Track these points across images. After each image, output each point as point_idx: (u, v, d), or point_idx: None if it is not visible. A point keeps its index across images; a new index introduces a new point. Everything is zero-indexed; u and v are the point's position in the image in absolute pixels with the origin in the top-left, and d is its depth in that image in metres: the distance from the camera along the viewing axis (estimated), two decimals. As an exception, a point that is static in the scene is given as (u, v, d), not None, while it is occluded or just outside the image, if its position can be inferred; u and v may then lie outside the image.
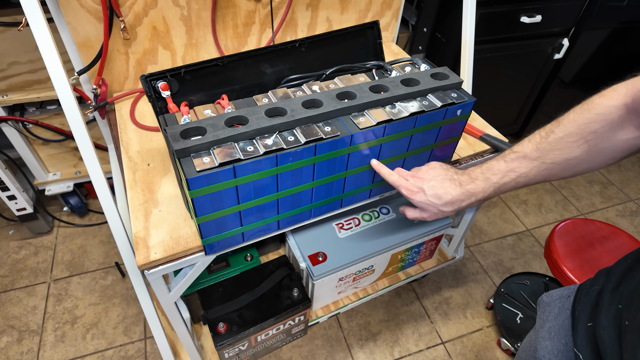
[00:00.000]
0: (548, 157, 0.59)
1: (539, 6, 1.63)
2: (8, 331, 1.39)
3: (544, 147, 0.59)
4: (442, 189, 0.69)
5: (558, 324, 0.64)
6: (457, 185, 0.69)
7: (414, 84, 0.80)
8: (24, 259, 1.60)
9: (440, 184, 0.70)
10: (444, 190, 0.69)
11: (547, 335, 0.64)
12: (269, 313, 1.12)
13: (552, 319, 0.66)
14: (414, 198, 0.72)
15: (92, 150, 0.78)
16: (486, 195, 0.67)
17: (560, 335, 0.62)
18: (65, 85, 0.74)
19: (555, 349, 0.62)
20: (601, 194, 2.05)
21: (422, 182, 0.72)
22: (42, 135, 1.46)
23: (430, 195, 0.70)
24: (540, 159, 0.60)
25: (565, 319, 0.63)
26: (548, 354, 0.62)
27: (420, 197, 0.71)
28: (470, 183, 0.68)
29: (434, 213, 0.72)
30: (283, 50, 0.87)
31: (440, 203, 0.70)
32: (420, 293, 1.58)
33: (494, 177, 0.65)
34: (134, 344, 1.37)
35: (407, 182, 0.74)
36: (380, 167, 0.78)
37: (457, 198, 0.68)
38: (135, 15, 1.03)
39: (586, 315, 0.59)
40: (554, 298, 0.69)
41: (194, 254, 0.78)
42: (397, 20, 1.40)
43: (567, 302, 0.65)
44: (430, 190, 0.70)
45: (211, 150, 0.65)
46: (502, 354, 1.41)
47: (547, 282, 1.52)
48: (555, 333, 0.63)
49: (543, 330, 0.65)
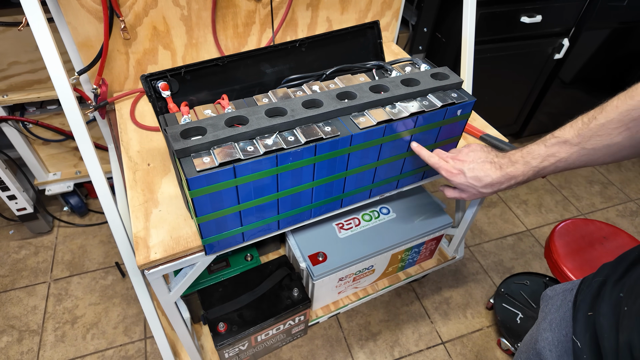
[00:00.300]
0: (589, 143, 0.59)
1: (539, 6, 1.63)
2: (8, 331, 1.39)
3: (585, 133, 0.60)
4: (482, 171, 0.70)
5: (559, 316, 0.64)
6: (497, 168, 0.70)
7: (414, 84, 0.80)
8: (24, 259, 1.60)
9: (481, 166, 0.71)
10: (484, 172, 0.70)
11: (548, 327, 0.64)
12: (269, 313, 1.12)
13: (553, 311, 0.66)
14: (453, 180, 0.74)
15: (92, 150, 0.78)
16: (525, 179, 0.68)
17: (561, 326, 0.63)
18: (66, 85, 0.74)
19: (556, 340, 0.62)
20: (601, 194, 2.05)
21: (462, 164, 0.73)
22: (43, 135, 1.46)
23: (471, 177, 0.71)
24: (580, 144, 0.60)
25: (566, 310, 0.64)
26: (548, 345, 0.63)
27: (460, 179, 0.73)
28: (510, 166, 0.69)
29: (472, 194, 0.73)
30: (283, 50, 0.88)
31: (480, 185, 0.71)
32: (420, 293, 1.58)
33: (534, 161, 0.66)
34: (134, 344, 1.37)
35: (447, 164, 0.75)
36: (420, 149, 0.80)
37: (497, 181, 0.70)
38: (135, 15, 1.03)
39: (587, 304, 0.60)
40: (558, 292, 0.69)
41: (194, 254, 0.78)
42: (397, 20, 1.40)
43: (569, 294, 0.66)
44: (471, 172, 0.71)
45: (211, 150, 0.65)
46: (502, 354, 1.41)
47: (547, 282, 1.52)
48: (556, 324, 0.64)
49: (545, 322, 0.66)
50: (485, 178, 0.70)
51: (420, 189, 1.36)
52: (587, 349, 0.56)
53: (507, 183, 0.69)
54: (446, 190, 0.80)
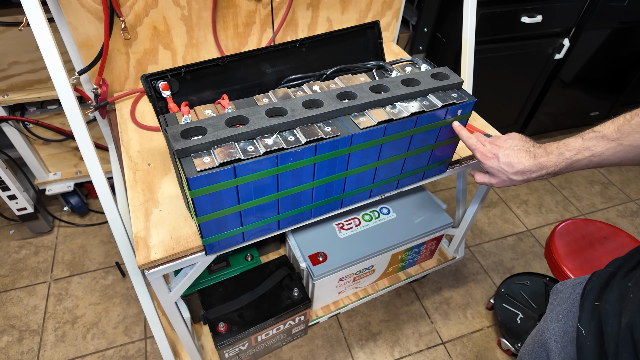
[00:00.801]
0: (627, 139, 0.60)
1: (540, 6, 1.63)
2: (8, 331, 1.39)
3: (626, 129, 0.60)
4: (516, 158, 0.71)
5: (567, 307, 0.64)
6: (531, 157, 0.70)
7: (415, 84, 0.80)
8: (24, 259, 1.60)
9: (516, 153, 0.72)
10: (517, 159, 0.71)
11: (555, 318, 0.65)
12: (269, 313, 1.12)
13: (561, 303, 0.66)
14: (486, 163, 0.75)
15: (93, 150, 0.78)
16: (557, 170, 0.68)
17: (567, 317, 0.63)
18: (66, 85, 0.74)
19: (562, 331, 0.62)
20: (602, 194, 2.05)
21: (499, 149, 0.74)
22: (43, 135, 1.46)
23: (504, 162, 0.72)
24: (618, 140, 0.61)
25: (574, 302, 0.64)
26: (554, 335, 0.63)
27: (493, 163, 0.74)
28: (544, 156, 0.69)
29: (502, 180, 0.74)
30: (283, 50, 0.88)
31: (511, 171, 0.72)
32: (420, 293, 1.58)
33: (568, 153, 0.66)
34: (134, 344, 1.37)
35: (483, 147, 0.76)
36: (460, 129, 0.81)
37: (529, 169, 0.70)
38: (135, 15, 1.03)
39: (594, 294, 0.60)
40: (568, 285, 0.70)
41: (194, 254, 0.78)
42: (397, 20, 1.40)
43: (579, 287, 0.66)
44: (505, 157, 0.72)
45: (211, 150, 0.65)
46: (503, 354, 1.41)
47: (548, 283, 1.52)
48: (563, 316, 0.64)
49: (552, 314, 0.66)
50: (517, 165, 0.71)
51: (421, 189, 1.36)
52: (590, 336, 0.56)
53: (537, 172, 0.70)
54: (476, 175, 0.80)
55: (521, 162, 0.71)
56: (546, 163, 0.69)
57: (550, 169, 0.68)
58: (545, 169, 0.69)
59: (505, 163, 0.72)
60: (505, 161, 0.72)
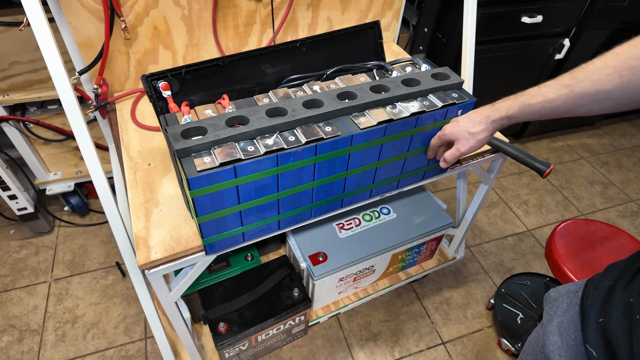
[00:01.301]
0: (579, 85, 0.59)
1: (540, 6, 1.63)
2: (9, 330, 1.39)
3: (579, 75, 0.60)
4: (473, 112, 0.76)
5: (567, 320, 0.64)
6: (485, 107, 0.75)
7: (415, 84, 0.80)
8: (24, 259, 1.60)
9: (473, 110, 0.77)
10: (474, 113, 0.76)
11: (556, 331, 0.64)
12: (270, 313, 1.12)
13: (560, 314, 0.65)
14: (446, 127, 0.79)
15: (93, 150, 0.78)
16: (511, 113, 0.70)
17: (569, 330, 0.62)
18: (66, 85, 0.74)
19: (565, 344, 0.62)
20: (602, 195, 2.05)
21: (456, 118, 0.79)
22: (43, 134, 1.46)
23: (462, 120, 0.76)
24: (571, 86, 0.60)
25: (574, 314, 0.63)
26: (557, 349, 0.62)
27: (453, 126, 0.78)
28: (499, 102, 0.72)
29: (466, 139, 0.76)
30: (284, 50, 0.88)
31: (470, 124, 0.75)
32: (420, 293, 1.58)
33: (522, 97, 0.68)
34: (135, 344, 1.37)
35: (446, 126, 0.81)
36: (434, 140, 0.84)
37: (484, 114, 0.74)
38: (136, 15, 1.03)
39: (597, 309, 0.59)
40: (562, 293, 0.69)
41: (194, 254, 0.78)
42: (398, 21, 1.40)
43: (575, 297, 0.65)
44: (463, 117, 0.77)
45: (212, 150, 0.65)
46: (503, 355, 1.41)
47: (548, 283, 1.52)
48: (564, 328, 0.63)
49: (551, 326, 0.65)
50: (473, 115, 0.75)
51: (421, 189, 1.36)
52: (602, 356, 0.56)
53: (494, 115, 0.72)
54: (444, 157, 0.82)
55: (476, 111, 0.75)
56: (499, 105, 0.71)
57: (504, 112, 0.71)
58: (498, 111, 0.71)
59: (463, 119, 0.76)
60: (463, 118, 0.76)
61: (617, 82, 0.55)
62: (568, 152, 2.29)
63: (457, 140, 0.77)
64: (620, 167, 2.21)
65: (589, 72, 0.58)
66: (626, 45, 0.55)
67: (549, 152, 2.27)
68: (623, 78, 0.54)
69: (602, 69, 0.56)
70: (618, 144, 2.37)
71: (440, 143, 0.82)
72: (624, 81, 0.54)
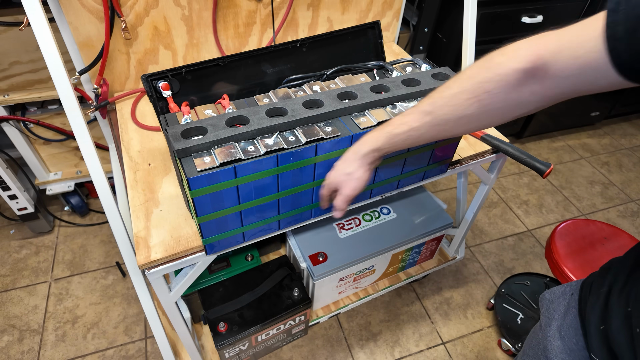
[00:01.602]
0: (440, 112, 0.57)
1: (540, 6, 1.62)
2: (9, 330, 1.39)
3: (438, 101, 0.58)
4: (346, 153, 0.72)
5: (567, 323, 0.63)
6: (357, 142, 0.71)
7: (415, 84, 0.80)
8: (25, 259, 1.60)
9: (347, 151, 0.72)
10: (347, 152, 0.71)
11: (557, 335, 0.64)
12: (270, 313, 1.12)
13: (559, 318, 0.65)
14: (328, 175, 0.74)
15: (93, 150, 0.78)
16: (378, 144, 0.66)
17: (570, 334, 0.62)
18: (67, 84, 0.75)
19: (568, 349, 0.62)
20: (602, 195, 2.05)
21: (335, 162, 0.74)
22: (43, 134, 1.46)
23: (338, 163, 0.73)
24: (432, 113, 0.58)
25: (573, 317, 0.63)
26: (560, 354, 0.62)
27: (331, 172, 0.74)
28: (367, 134, 0.69)
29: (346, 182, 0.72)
30: (284, 50, 0.88)
31: (345, 165, 0.71)
32: (420, 293, 1.58)
33: (387, 127, 0.65)
34: (135, 344, 1.37)
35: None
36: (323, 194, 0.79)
37: (354, 149, 0.70)
38: (136, 15, 1.03)
39: (597, 317, 0.58)
40: (557, 295, 0.68)
41: (194, 254, 0.78)
42: (398, 21, 1.40)
43: (571, 300, 0.65)
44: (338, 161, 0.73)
45: (212, 150, 0.65)
46: (503, 355, 1.41)
47: (548, 283, 1.52)
48: (565, 332, 0.63)
49: (551, 329, 0.65)
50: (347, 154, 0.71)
51: (421, 189, 1.36)
52: None
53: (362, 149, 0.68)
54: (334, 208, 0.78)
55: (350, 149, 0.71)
56: (368, 139, 0.68)
57: (371, 144, 0.67)
58: (366, 144, 0.68)
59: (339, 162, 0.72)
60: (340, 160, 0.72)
61: (477, 106, 0.53)
62: (568, 152, 2.29)
63: (339, 185, 0.73)
64: (621, 167, 2.21)
65: (447, 97, 0.56)
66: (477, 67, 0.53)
67: (549, 152, 2.27)
68: (481, 102, 0.53)
69: (460, 94, 0.55)
70: (618, 144, 2.36)
71: (328, 192, 0.77)
72: (483, 105, 0.53)
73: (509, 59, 0.50)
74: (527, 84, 0.49)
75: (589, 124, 2.46)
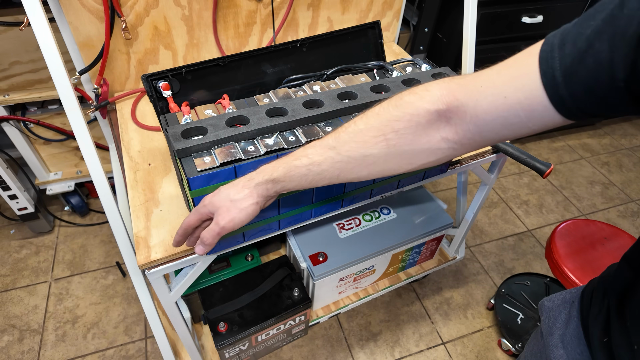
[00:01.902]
0: (344, 148, 0.53)
1: (541, 6, 1.63)
2: (9, 330, 1.39)
3: (343, 137, 0.54)
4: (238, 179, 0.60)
5: (569, 333, 0.62)
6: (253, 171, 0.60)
7: (415, 84, 0.80)
8: (25, 258, 1.60)
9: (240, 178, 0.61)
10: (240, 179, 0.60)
11: (560, 344, 0.63)
12: (270, 313, 1.12)
13: (560, 327, 0.64)
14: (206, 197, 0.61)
15: (93, 150, 0.78)
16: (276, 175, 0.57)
17: (573, 344, 0.62)
18: (67, 84, 0.75)
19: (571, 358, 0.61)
20: (602, 195, 2.05)
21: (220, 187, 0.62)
22: (44, 134, 1.46)
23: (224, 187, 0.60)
24: (336, 149, 0.54)
25: (575, 327, 0.62)
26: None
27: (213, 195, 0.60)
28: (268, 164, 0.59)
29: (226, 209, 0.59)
30: (284, 50, 0.88)
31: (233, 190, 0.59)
32: (420, 293, 1.58)
33: (288, 158, 0.58)
34: (135, 344, 1.37)
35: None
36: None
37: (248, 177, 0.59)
38: (136, 15, 1.03)
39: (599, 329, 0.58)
40: (557, 303, 0.68)
41: (194, 254, 0.78)
42: (398, 21, 1.40)
43: (572, 308, 0.64)
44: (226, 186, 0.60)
45: (212, 150, 0.65)
46: (503, 355, 1.41)
47: (548, 283, 1.52)
48: (568, 342, 0.62)
49: (553, 339, 0.64)
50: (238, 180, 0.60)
51: (421, 189, 1.36)
52: None
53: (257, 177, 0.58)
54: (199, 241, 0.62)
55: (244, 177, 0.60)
56: (266, 167, 0.58)
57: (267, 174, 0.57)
58: (262, 173, 0.58)
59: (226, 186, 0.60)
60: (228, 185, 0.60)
61: (384, 146, 0.51)
62: (568, 152, 2.29)
63: (217, 211, 0.59)
64: (621, 167, 2.21)
65: (352, 133, 0.52)
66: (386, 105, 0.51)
67: (550, 152, 2.27)
68: (389, 141, 0.50)
69: (366, 130, 0.51)
70: (618, 144, 2.36)
71: (198, 218, 0.62)
72: (390, 144, 0.50)
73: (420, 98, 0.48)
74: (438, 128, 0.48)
75: (589, 124, 2.46)
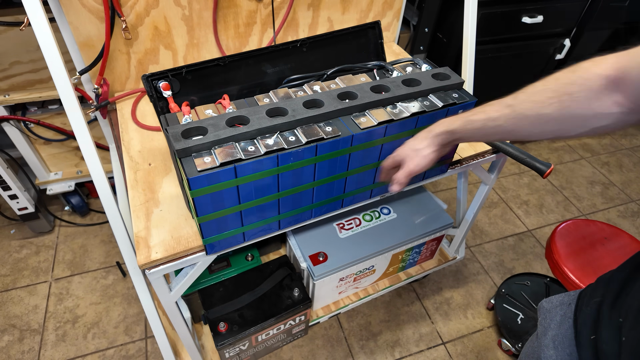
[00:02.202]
0: (520, 106, 0.59)
1: (541, 6, 1.62)
2: (9, 330, 1.39)
3: (521, 96, 0.59)
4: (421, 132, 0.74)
5: (562, 333, 0.63)
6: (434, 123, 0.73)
7: (415, 84, 0.80)
8: (25, 258, 1.61)
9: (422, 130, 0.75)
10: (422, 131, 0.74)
11: (551, 344, 0.63)
12: (270, 313, 1.12)
13: (554, 327, 0.65)
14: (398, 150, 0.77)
15: (94, 150, 0.78)
16: (453, 127, 0.68)
17: (564, 344, 0.62)
18: (67, 84, 0.75)
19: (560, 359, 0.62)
20: (602, 195, 2.05)
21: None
22: (44, 134, 1.46)
23: (410, 139, 0.75)
24: (513, 107, 0.60)
25: (568, 328, 0.63)
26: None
27: (401, 146, 0.76)
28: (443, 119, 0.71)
29: (411, 157, 0.74)
30: (284, 50, 0.88)
31: (416, 142, 0.73)
32: (420, 293, 1.58)
33: (467, 113, 0.67)
34: (135, 344, 1.37)
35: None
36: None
37: (429, 128, 0.72)
38: (136, 15, 1.03)
39: (588, 327, 0.59)
40: (555, 304, 0.68)
41: (194, 254, 0.78)
42: (398, 21, 1.40)
43: (568, 310, 0.65)
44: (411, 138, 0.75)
45: (212, 150, 0.65)
46: (503, 355, 1.41)
47: (548, 283, 1.52)
48: (559, 342, 0.63)
49: (546, 339, 0.65)
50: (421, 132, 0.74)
51: (421, 189, 1.36)
52: None
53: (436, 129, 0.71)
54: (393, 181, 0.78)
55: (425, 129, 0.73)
56: (444, 120, 0.70)
57: (446, 125, 0.69)
58: (442, 124, 0.70)
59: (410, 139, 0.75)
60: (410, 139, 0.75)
61: (557, 107, 0.54)
62: (568, 152, 2.28)
63: (404, 159, 0.75)
64: (621, 168, 2.21)
65: (529, 93, 0.58)
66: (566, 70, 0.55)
67: (550, 152, 2.27)
68: (562, 103, 0.54)
69: (543, 91, 0.56)
70: (619, 144, 2.36)
71: (391, 165, 0.79)
72: (563, 106, 0.54)
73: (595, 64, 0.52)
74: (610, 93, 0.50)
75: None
